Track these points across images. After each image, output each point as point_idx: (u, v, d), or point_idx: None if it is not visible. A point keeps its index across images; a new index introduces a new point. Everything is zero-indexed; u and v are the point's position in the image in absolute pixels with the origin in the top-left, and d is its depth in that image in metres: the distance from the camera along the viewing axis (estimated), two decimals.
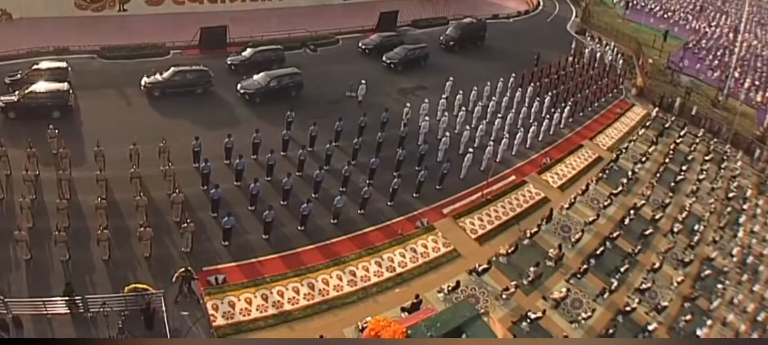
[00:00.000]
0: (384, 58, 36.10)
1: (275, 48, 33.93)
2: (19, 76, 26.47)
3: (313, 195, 23.02)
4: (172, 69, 28.87)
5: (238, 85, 29.70)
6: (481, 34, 42.95)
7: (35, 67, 27.20)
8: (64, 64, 27.85)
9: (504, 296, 20.28)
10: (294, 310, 18.27)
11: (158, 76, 28.61)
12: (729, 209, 30.26)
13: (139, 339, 15.87)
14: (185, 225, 19.34)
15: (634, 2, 63.53)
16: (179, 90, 28.48)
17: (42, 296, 16.40)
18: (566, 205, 26.02)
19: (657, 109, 38.55)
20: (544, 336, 19.31)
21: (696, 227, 27.17)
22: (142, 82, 28.42)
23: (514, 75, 35.42)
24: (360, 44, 38.24)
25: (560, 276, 22.19)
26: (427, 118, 28.81)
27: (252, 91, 29.31)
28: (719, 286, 24.20)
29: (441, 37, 41.31)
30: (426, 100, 30.38)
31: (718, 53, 52.89)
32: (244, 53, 33.02)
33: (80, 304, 16.32)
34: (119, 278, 17.80)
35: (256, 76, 30.05)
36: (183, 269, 17.46)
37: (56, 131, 23.02)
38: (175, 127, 25.58)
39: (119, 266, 18.44)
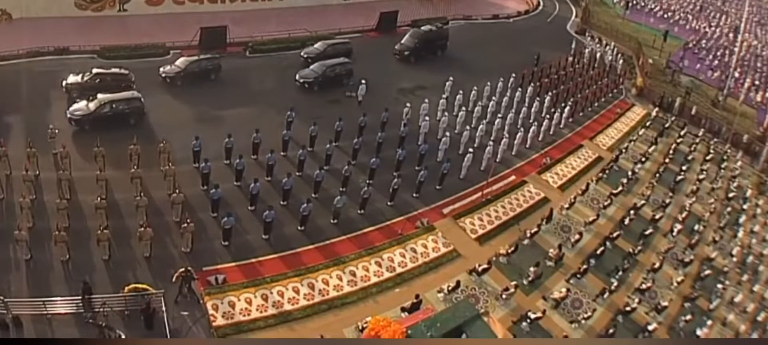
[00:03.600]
0: (297, 77, 31.77)
1: (212, 57, 31.56)
2: None
3: (313, 195, 23.02)
4: (94, 70, 27.44)
5: (67, 110, 25.14)
6: (442, 43, 39.49)
7: None
8: None
9: (504, 296, 20.27)
10: (294, 310, 18.26)
11: (78, 78, 27.14)
12: (729, 209, 30.27)
13: (139, 339, 15.88)
14: (185, 225, 19.33)
15: (634, 2, 63.55)
16: (97, 91, 26.18)
17: (42, 296, 16.38)
18: (566, 205, 26.02)
19: (657, 109, 38.57)
20: (544, 336, 19.32)
21: (696, 227, 27.17)
22: (63, 82, 27.06)
23: (514, 75, 35.43)
24: (302, 53, 34.62)
25: (560, 276, 22.20)
26: (427, 118, 28.80)
27: (79, 117, 24.76)
28: (719, 286, 24.20)
29: (396, 47, 37.87)
30: (426, 100, 30.38)
31: (718, 53, 52.92)
32: (177, 63, 30.20)
33: (97, 303, 16.30)
34: (119, 278, 17.79)
35: (93, 100, 25.46)
36: (183, 269, 17.46)
37: (56, 131, 23.04)
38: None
39: (119, 266, 18.44)
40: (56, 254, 18.24)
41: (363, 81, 31.26)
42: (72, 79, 27.26)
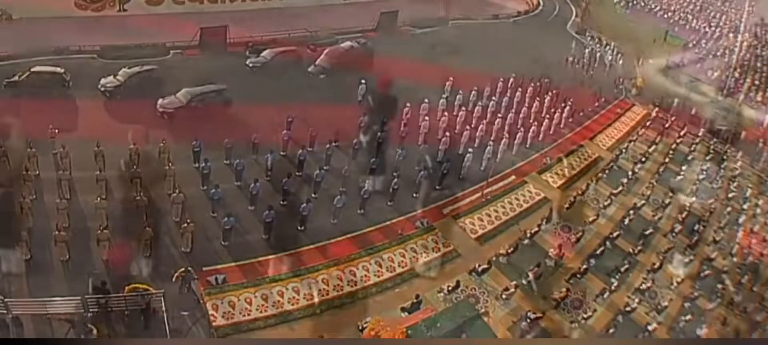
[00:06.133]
0: (158, 106, 26.50)
1: (151, 68, 28.91)
2: None
3: (313, 195, 23.02)
4: (32, 69, 26.89)
5: None
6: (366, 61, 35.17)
7: None
8: None
9: (504, 296, 20.27)
10: (294, 310, 18.26)
11: (16, 76, 26.59)
12: (729, 209, 30.26)
13: (139, 339, 15.87)
14: (185, 225, 19.33)
15: (635, 2, 63.52)
16: (34, 90, 26.17)
17: (42, 296, 16.37)
18: (566, 205, 26.00)
19: (657, 109, 38.57)
20: (544, 336, 19.31)
21: (696, 227, 27.16)
22: (5, 81, 26.49)
23: (514, 75, 35.41)
24: (248, 63, 32.76)
25: (560, 276, 22.18)
26: (427, 118, 28.78)
27: None
28: (719, 286, 24.19)
29: (309, 69, 33.50)
30: (426, 100, 30.36)
31: (718, 53, 52.92)
32: (118, 75, 27.81)
33: (107, 302, 16.32)
34: (119, 278, 17.75)
35: None
36: (183, 269, 17.45)
37: (56, 131, 23.01)
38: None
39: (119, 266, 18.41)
40: (56, 254, 18.21)
41: (363, 81, 31.23)
42: (12, 78, 26.75)
